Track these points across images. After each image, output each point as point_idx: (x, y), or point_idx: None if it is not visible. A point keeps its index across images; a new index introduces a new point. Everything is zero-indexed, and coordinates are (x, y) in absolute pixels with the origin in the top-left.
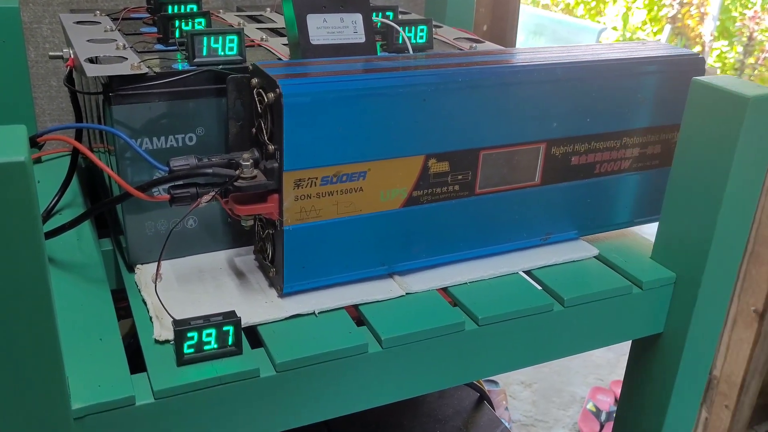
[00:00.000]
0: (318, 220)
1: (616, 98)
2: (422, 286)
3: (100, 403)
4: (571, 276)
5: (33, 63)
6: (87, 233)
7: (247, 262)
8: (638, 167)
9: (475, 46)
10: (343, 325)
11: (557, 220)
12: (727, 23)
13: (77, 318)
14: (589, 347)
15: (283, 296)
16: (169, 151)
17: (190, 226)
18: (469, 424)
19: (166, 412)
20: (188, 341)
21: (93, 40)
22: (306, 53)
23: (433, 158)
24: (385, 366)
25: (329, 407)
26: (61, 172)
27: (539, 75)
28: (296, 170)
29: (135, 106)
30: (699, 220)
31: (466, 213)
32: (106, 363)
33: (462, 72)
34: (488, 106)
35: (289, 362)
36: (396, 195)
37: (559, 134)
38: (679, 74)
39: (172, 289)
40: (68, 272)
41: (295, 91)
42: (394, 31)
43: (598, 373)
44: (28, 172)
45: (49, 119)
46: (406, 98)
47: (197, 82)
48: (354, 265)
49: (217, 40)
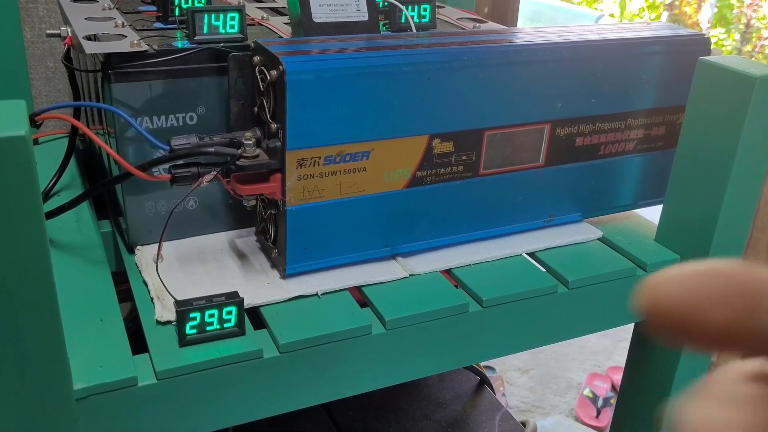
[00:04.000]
0: (321, 201)
1: (621, 79)
2: (425, 267)
3: (102, 383)
4: (575, 258)
5: (29, 44)
6: (86, 215)
7: (248, 244)
8: (642, 149)
9: (479, 26)
10: (346, 306)
11: (561, 201)
12: (725, 10)
13: (78, 299)
14: (592, 329)
15: (286, 277)
16: (170, 130)
17: (190, 207)
18: (470, 407)
19: (168, 392)
20: (190, 322)
21: (91, 18)
22: (308, 31)
23: (437, 138)
24: (389, 347)
25: (332, 389)
26: (58, 154)
27: (544, 54)
28: (299, 149)
29: (135, 84)
30: (704, 201)
31: (470, 194)
32: (107, 344)
33: (467, 51)
34: (493, 86)
35: (293, 343)
36: (399, 175)
37: (564, 115)
38: (684, 55)
39: (173, 270)
40: (68, 253)
41: (299, 68)
42: (397, 10)
43: (594, 359)
44: (28, 146)
45: (46, 100)
46: (410, 76)
47: (198, 60)
48: (357, 246)
49: (218, 17)
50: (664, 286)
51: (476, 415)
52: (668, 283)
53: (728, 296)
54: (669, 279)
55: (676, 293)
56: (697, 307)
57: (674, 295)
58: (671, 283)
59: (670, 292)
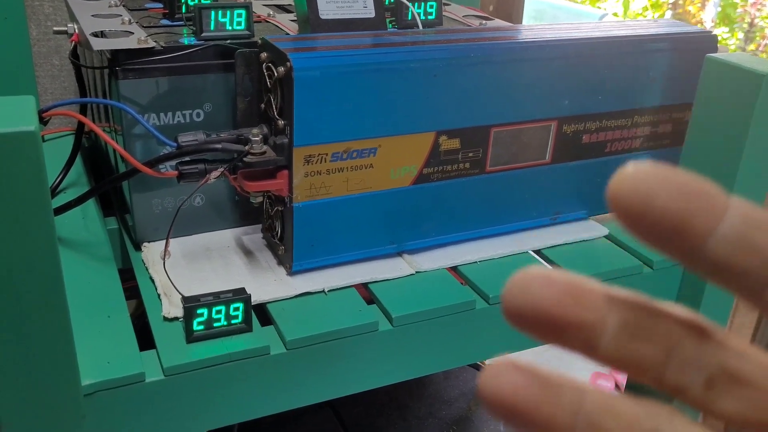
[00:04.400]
0: (328, 197)
1: (627, 76)
2: (432, 264)
3: (110, 379)
4: (581, 255)
5: (35, 41)
6: (92, 211)
7: (254, 241)
8: (649, 146)
9: (485, 23)
10: (352, 303)
11: (567, 199)
12: (728, 9)
13: (85, 296)
14: None
15: (292, 274)
16: (177, 127)
17: (197, 204)
18: (475, 405)
19: (175, 388)
20: (198, 318)
21: (98, 15)
22: (315, 28)
23: (444, 135)
24: (396, 344)
25: (339, 385)
26: (64, 152)
27: (551, 51)
28: (306, 146)
29: (142, 81)
30: None
31: (477, 191)
32: (114, 340)
33: (473, 48)
34: (499, 83)
35: (299, 340)
36: (406, 172)
37: (571, 112)
38: (691, 52)
39: (180, 266)
40: (74, 250)
41: (306, 65)
42: (404, 7)
43: None
44: (37, 141)
45: (51, 98)
46: (417, 73)
47: (205, 56)
48: (363, 243)
49: (225, 14)
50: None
51: (481, 412)
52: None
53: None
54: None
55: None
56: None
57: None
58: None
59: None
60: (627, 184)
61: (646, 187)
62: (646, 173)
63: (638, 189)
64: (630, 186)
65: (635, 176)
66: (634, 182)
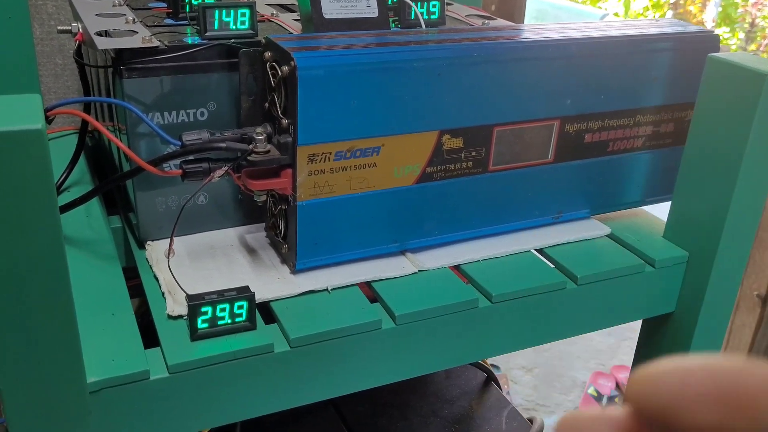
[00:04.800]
0: (331, 196)
1: (630, 75)
2: (435, 263)
3: (115, 377)
4: (583, 254)
5: (38, 40)
6: (96, 210)
7: (258, 239)
8: (651, 146)
9: (488, 22)
10: (356, 301)
11: (569, 198)
12: (729, 9)
13: (89, 293)
14: (601, 326)
15: (296, 273)
16: (181, 125)
17: (201, 203)
18: (477, 404)
19: (180, 386)
20: (202, 316)
21: (102, 14)
22: (319, 27)
23: (447, 134)
24: (399, 343)
25: (342, 383)
26: (68, 150)
27: (554, 51)
28: (310, 145)
29: (146, 80)
30: (713, 198)
31: (479, 190)
32: (119, 338)
33: (477, 47)
34: (502, 82)
35: (303, 338)
36: (409, 171)
37: (573, 111)
38: (693, 51)
39: (184, 265)
40: (78, 248)
41: (310, 64)
42: (407, 6)
43: (599, 357)
44: (44, 140)
45: (55, 97)
46: (420, 72)
47: (209, 56)
48: (366, 242)
49: (229, 13)
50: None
51: (483, 411)
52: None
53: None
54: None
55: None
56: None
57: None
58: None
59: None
60: (648, 386)
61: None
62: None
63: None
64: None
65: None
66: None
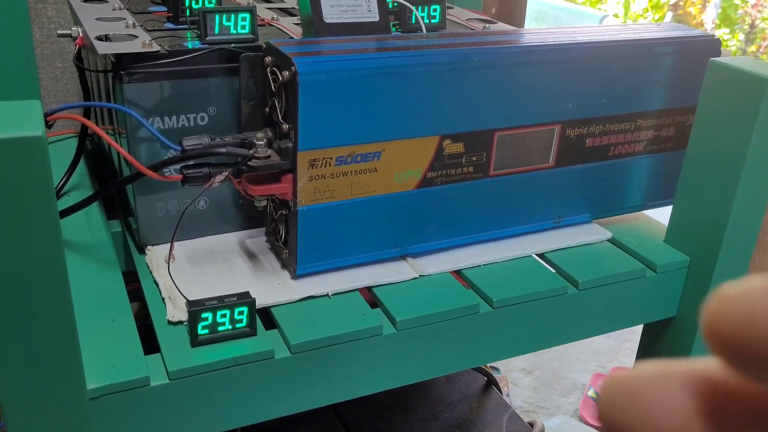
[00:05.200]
0: (332, 201)
1: (631, 80)
2: (436, 268)
3: (115, 383)
4: (584, 259)
5: (38, 44)
6: (96, 215)
7: (258, 244)
8: (652, 150)
9: (488, 26)
10: (357, 306)
11: (570, 202)
12: (729, 11)
13: (89, 299)
14: (602, 330)
15: (296, 278)
16: (181, 130)
17: (201, 208)
18: (477, 408)
19: (180, 392)
20: (202, 322)
21: (102, 18)
22: (319, 32)
23: (448, 139)
24: (400, 348)
25: (343, 389)
26: (67, 155)
27: (555, 55)
28: (311, 150)
29: (146, 85)
30: (714, 203)
31: (480, 195)
32: (119, 344)
33: (477, 51)
34: (503, 87)
35: (304, 344)
36: (410, 176)
37: (574, 116)
38: (695, 55)
39: (184, 270)
40: (78, 253)
41: (311, 69)
42: (408, 11)
43: (599, 360)
44: (44, 146)
45: (54, 101)
46: (421, 77)
47: (209, 60)
48: (367, 247)
49: (230, 18)
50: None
51: (484, 415)
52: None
53: None
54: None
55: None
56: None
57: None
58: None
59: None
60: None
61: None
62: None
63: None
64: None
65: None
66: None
